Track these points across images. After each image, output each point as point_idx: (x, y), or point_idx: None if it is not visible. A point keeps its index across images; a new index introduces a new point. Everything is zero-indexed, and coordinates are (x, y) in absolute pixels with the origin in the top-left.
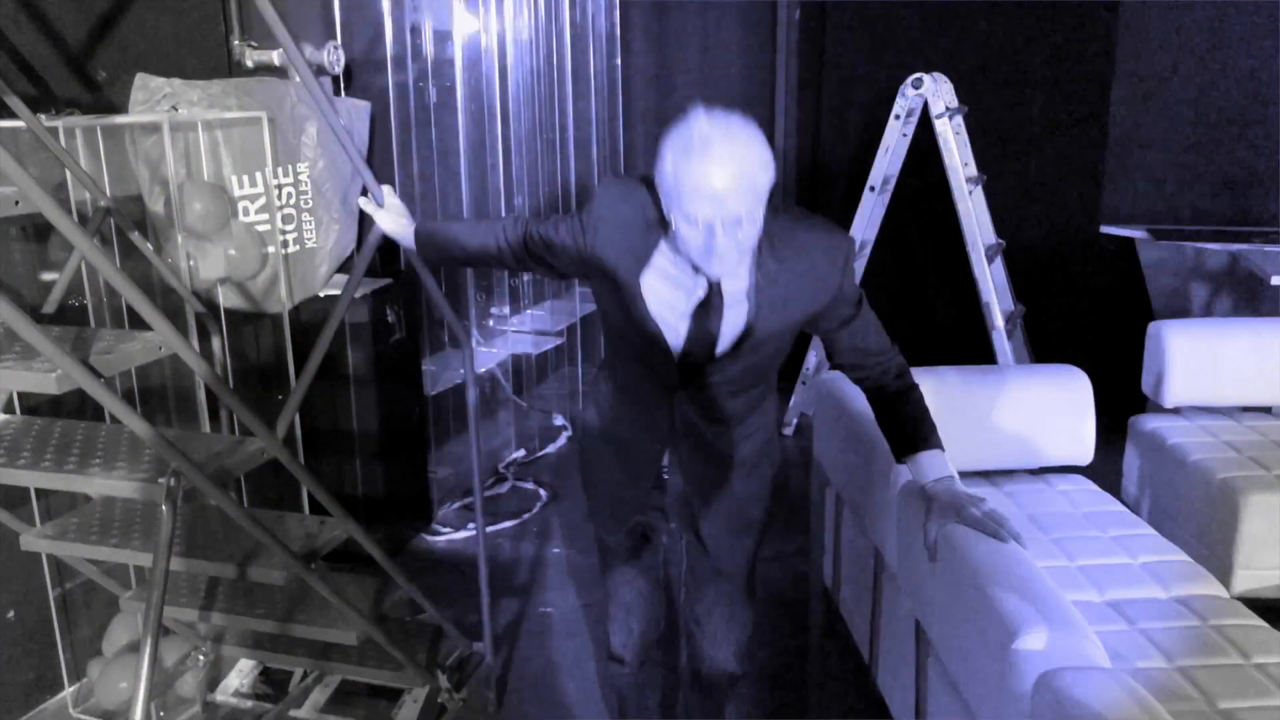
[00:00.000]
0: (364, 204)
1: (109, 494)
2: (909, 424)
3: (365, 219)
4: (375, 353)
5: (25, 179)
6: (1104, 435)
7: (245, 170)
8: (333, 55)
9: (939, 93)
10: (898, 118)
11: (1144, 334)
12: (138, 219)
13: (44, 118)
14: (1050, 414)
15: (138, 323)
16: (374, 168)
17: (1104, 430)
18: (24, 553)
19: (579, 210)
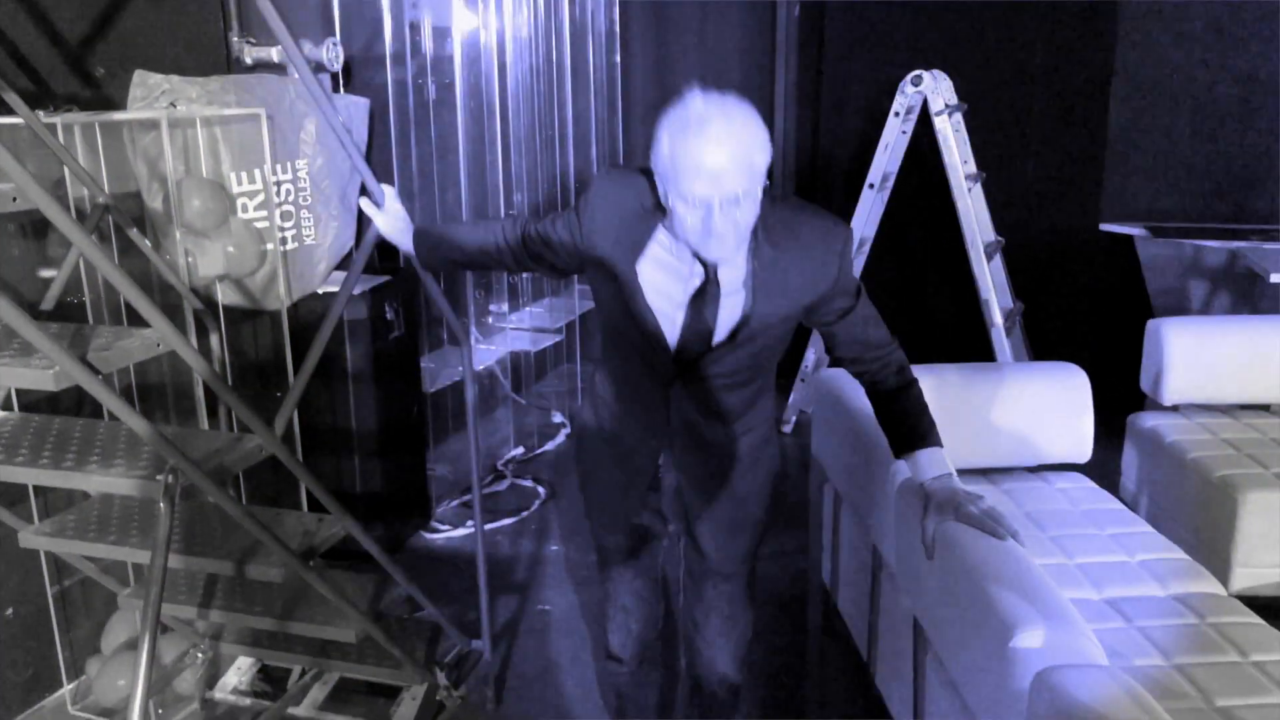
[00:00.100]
0: (365, 206)
1: (107, 491)
2: (908, 420)
3: (364, 216)
4: (374, 350)
5: (24, 176)
6: (1102, 433)
7: (244, 167)
8: (331, 52)
9: (938, 90)
10: (897, 115)
11: (1143, 331)
12: (136, 216)
13: (42, 114)
14: (1049, 411)
15: (136, 320)
16: (373, 165)
17: (1102, 428)
18: (22, 550)
19: (576, 202)
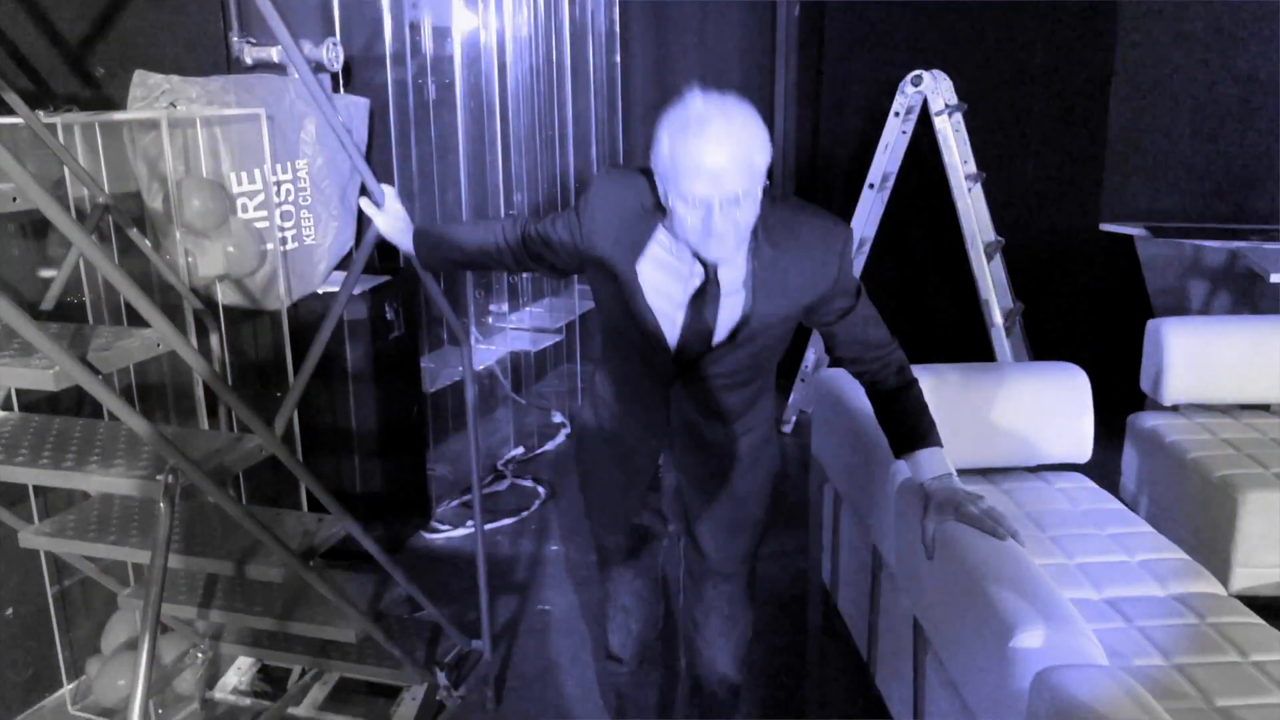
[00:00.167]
0: (365, 206)
1: (107, 491)
2: (908, 420)
3: (364, 216)
4: (374, 350)
5: (23, 176)
6: (1102, 433)
7: (244, 167)
8: (331, 52)
9: (938, 90)
10: (897, 115)
11: (1143, 331)
12: (136, 216)
13: (42, 114)
14: (1049, 411)
15: (136, 320)
16: (373, 165)
17: (1102, 428)
18: (22, 550)
19: (576, 202)
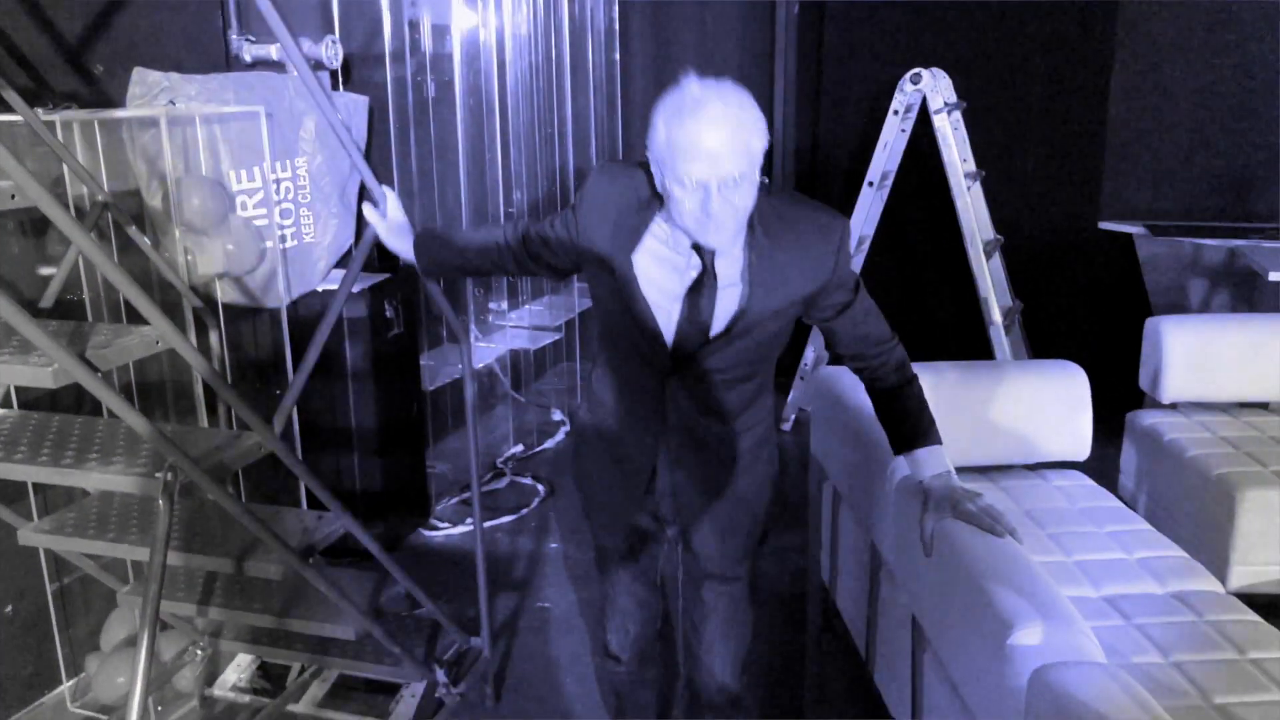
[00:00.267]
0: (368, 213)
1: (106, 489)
2: (909, 418)
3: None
4: (373, 348)
5: (22, 173)
6: (1101, 431)
7: (243, 165)
8: (330, 50)
9: (937, 88)
10: (896, 113)
11: (1141, 329)
12: (135, 214)
13: (41, 112)
14: (1047, 409)
15: (135, 317)
16: (372, 163)
17: (1101, 426)
18: (21, 547)
19: (574, 199)
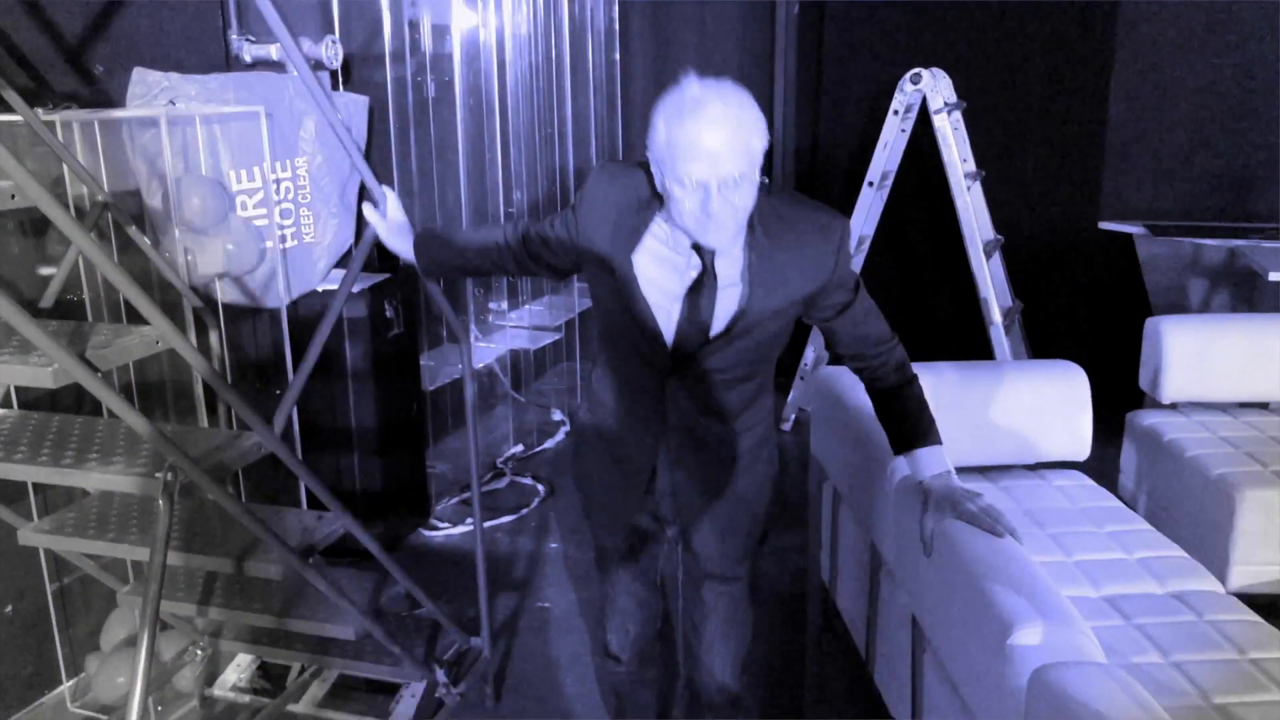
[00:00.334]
0: (368, 214)
1: (106, 488)
2: (909, 418)
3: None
4: (373, 348)
5: (22, 173)
6: (1101, 431)
7: (243, 165)
8: (330, 50)
9: (937, 88)
10: (896, 113)
11: (1141, 329)
12: (135, 214)
13: (41, 112)
14: (1047, 410)
15: (135, 317)
16: (372, 163)
17: (1101, 426)
18: (21, 547)
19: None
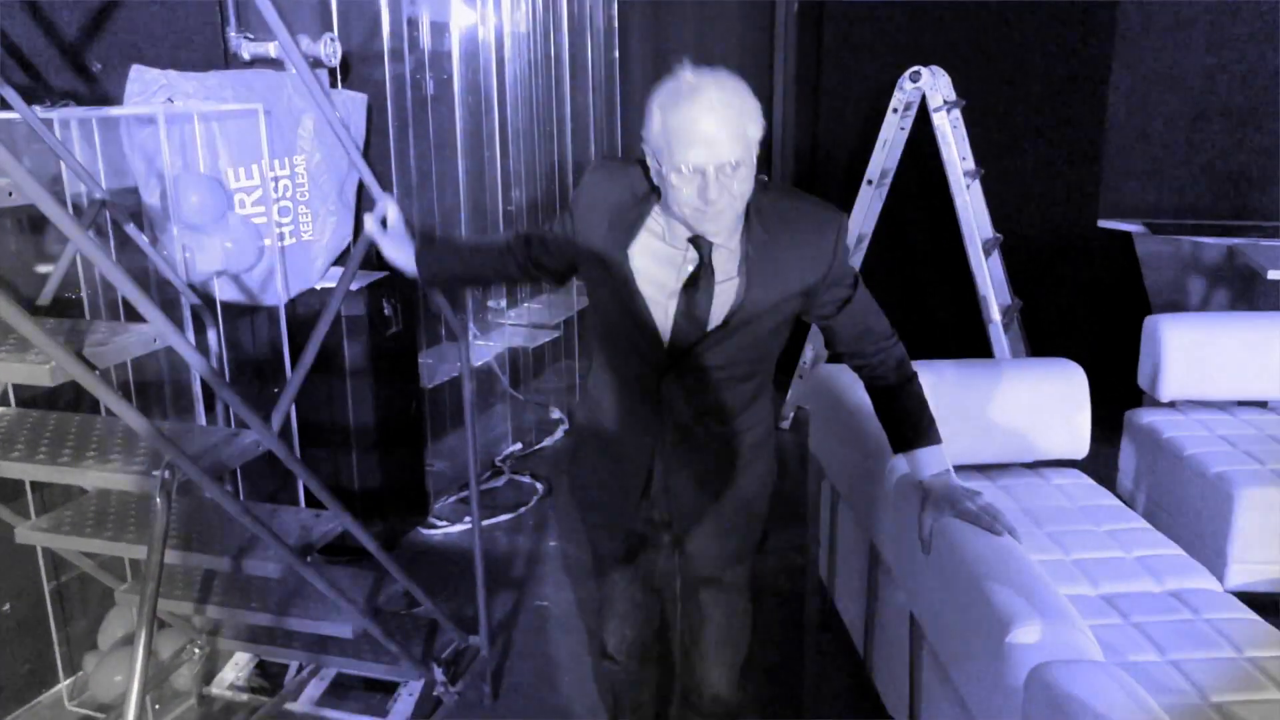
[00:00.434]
0: (370, 227)
1: (104, 486)
2: (908, 417)
3: (362, 212)
4: (371, 346)
5: (20, 171)
6: (1100, 429)
7: (241, 163)
8: (329, 48)
9: (937, 86)
10: (895, 111)
11: (1140, 328)
12: (133, 211)
13: (39, 109)
14: (1046, 408)
15: (133, 315)
16: (371, 161)
17: (1100, 424)
18: (19, 546)
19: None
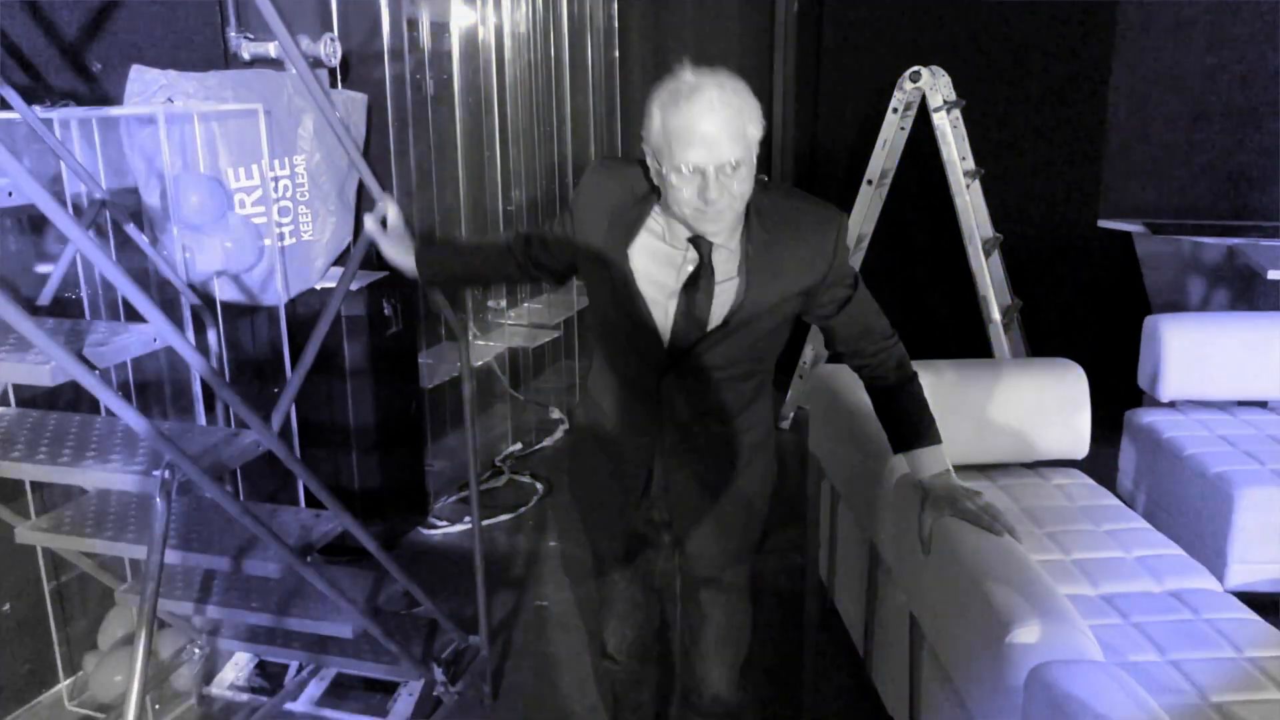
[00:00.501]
0: (370, 227)
1: (104, 486)
2: (908, 418)
3: (361, 212)
4: (371, 346)
5: (20, 171)
6: (1100, 429)
7: (241, 163)
8: (329, 47)
9: (937, 86)
10: (895, 111)
11: (1140, 328)
12: (133, 211)
13: (39, 109)
14: (1046, 408)
15: (133, 315)
16: (371, 161)
17: (1100, 424)
18: (19, 546)
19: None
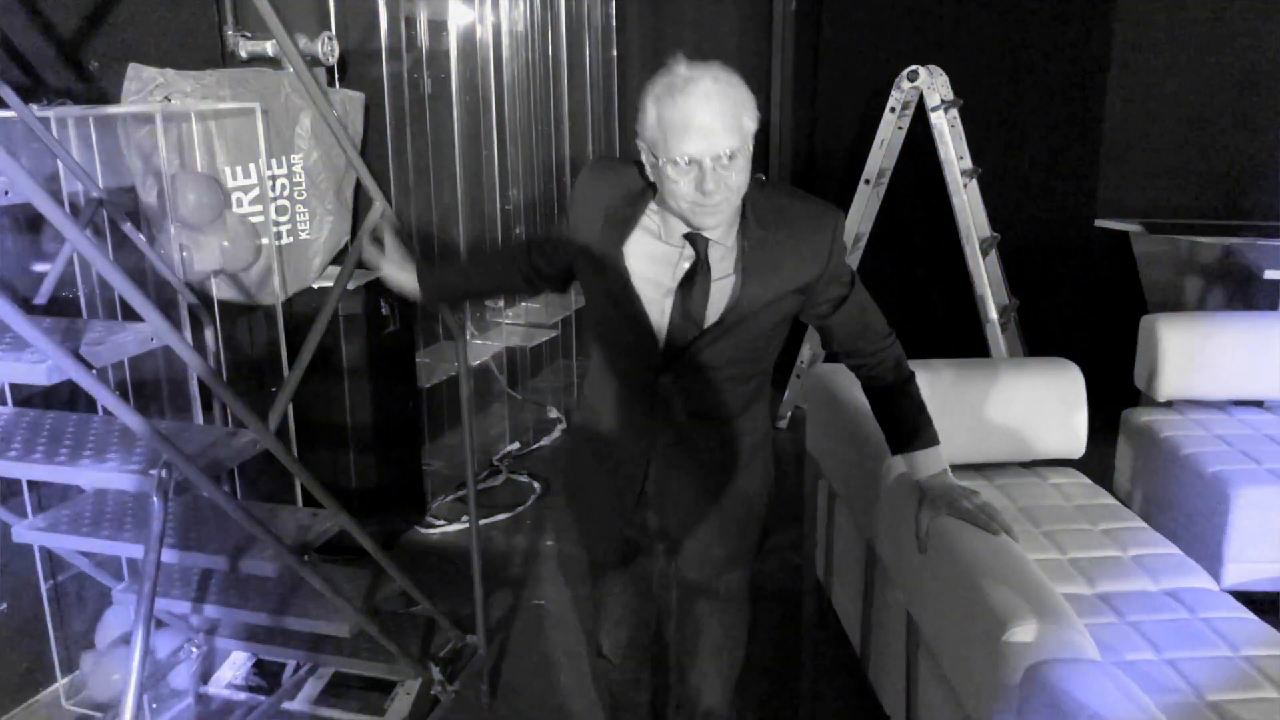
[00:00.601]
0: (369, 254)
1: (101, 486)
2: (906, 418)
3: (359, 211)
4: (369, 345)
5: (17, 170)
6: (1096, 428)
7: (239, 162)
8: (327, 46)
9: (934, 85)
10: (893, 110)
11: (1137, 327)
12: (130, 210)
13: (36, 108)
14: (1043, 407)
15: (130, 314)
16: (368, 160)
17: (1096, 423)
18: (16, 545)
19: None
